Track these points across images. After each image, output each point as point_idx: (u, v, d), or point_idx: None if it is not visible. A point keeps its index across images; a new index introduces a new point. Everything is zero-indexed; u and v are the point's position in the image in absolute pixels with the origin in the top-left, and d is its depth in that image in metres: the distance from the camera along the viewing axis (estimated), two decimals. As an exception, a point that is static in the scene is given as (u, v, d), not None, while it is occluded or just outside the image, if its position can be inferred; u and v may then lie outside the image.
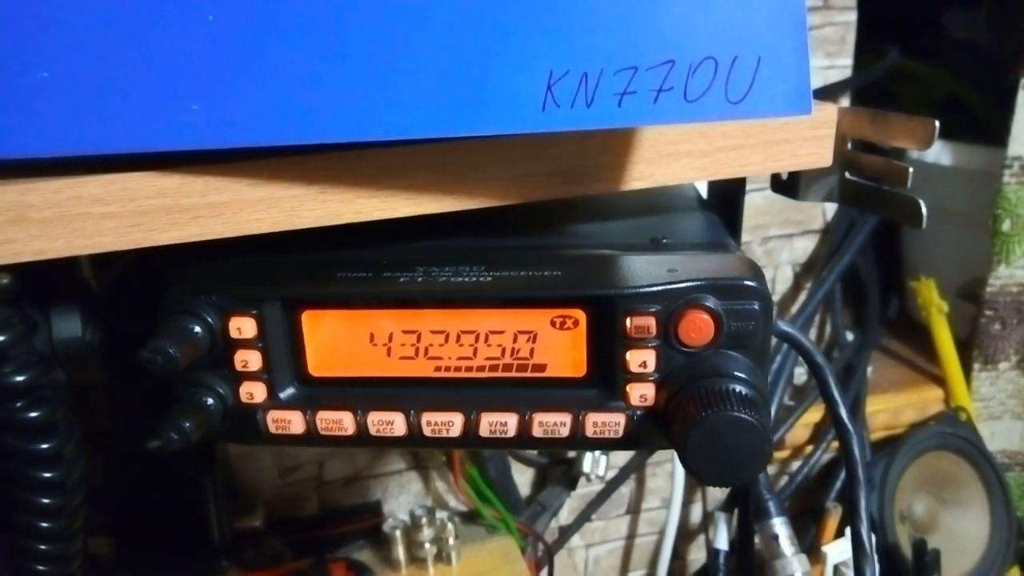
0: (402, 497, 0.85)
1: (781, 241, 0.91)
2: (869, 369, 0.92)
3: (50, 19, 0.28)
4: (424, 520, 0.76)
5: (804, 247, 0.92)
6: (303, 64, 0.28)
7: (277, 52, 0.28)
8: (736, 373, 0.31)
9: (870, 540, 0.35)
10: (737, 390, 0.30)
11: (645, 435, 0.32)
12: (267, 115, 0.29)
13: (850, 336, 0.93)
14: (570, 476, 0.87)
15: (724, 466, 0.29)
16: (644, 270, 0.32)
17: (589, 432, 0.32)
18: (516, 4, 0.28)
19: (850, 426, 0.35)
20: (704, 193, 0.48)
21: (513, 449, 0.82)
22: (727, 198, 0.44)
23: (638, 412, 0.32)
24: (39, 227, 0.31)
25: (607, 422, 0.32)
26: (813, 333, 0.95)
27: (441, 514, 0.78)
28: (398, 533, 0.76)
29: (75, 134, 0.29)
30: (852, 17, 0.85)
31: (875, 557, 0.46)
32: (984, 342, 0.89)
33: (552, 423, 0.32)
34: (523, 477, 0.89)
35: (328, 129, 0.29)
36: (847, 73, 0.87)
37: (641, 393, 0.32)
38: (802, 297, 0.93)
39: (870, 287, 0.95)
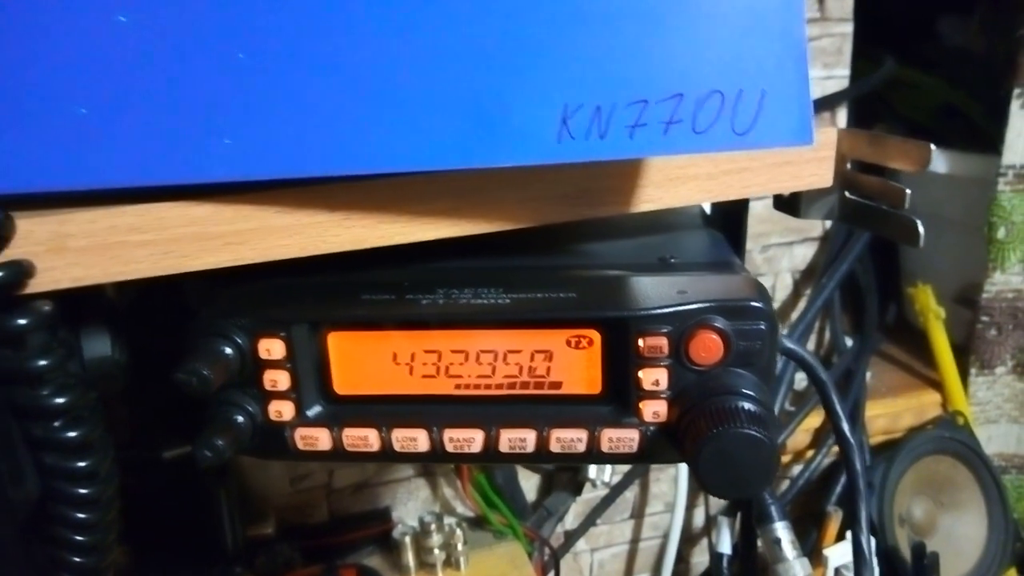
0: (410, 503, 0.87)
1: (781, 249, 0.92)
2: (868, 374, 0.93)
3: (88, 58, 0.29)
4: (433, 526, 0.77)
5: (804, 254, 0.94)
6: (329, 100, 0.30)
7: (304, 89, 0.30)
8: (744, 390, 0.32)
9: (870, 547, 0.37)
10: (746, 407, 0.31)
11: (658, 450, 0.34)
12: (294, 148, 0.30)
13: (849, 342, 0.95)
14: (576, 482, 0.88)
15: (735, 480, 0.31)
16: (655, 291, 0.34)
17: (605, 447, 0.34)
18: (532, 41, 0.29)
19: (851, 438, 0.36)
20: (708, 209, 0.49)
21: (532, 464, 0.84)
22: (731, 216, 0.45)
23: (651, 428, 0.34)
24: (76, 255, 0.32)
25: (622, 438, 0.34)
26: (813, 339, 0.97)
27: (449, 520, 0.80)
28: (407, 539, 0.77)
29: (112, 168, 0.31)
30: (848, 28, 0.87)
31: (875, 562, 0.48)
32: (980, 347, 0.90)
33: (569, 439, 0.34)
34: (529, 483, 0.90)
35: (352, 161, 0.31)
36: (844, 83, 0.89)
37: (654, 410, 0.33)
38: (802, 304, 0.94)
39: (868, 294, 0.96)
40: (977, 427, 0.91)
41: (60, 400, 0.33)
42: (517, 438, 0.34)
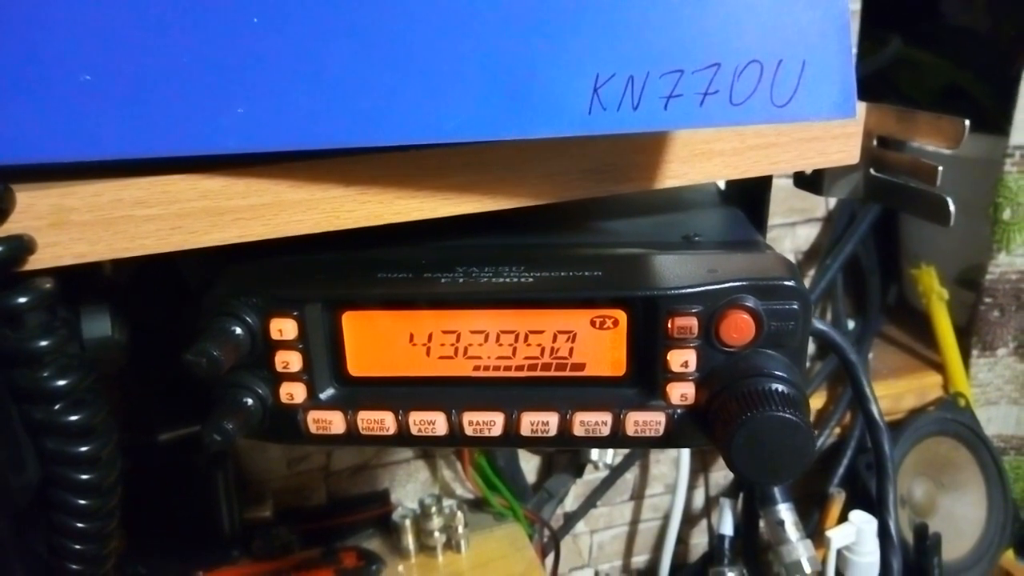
0: (409, 486, 0.86)
1: (784, 229, 0.92)
2: (870, 356, 0.93)
3: (92, 21, 0.28)
4: (433, 509, 0.76)
5: (807, 235, 0.93)
6: (349, 67, 0.28)
7: (322, 55, 0.28)
8: (777, 372, 0.31)
9: (898, 533, 0.36)
10: (779, 389, 0.30)
11: (685, 433, 0.33)
12: (312, 118, 0.29)
13: (851, 323, 0.94)
14: (576, 463, 0.88)
15: (768, 465, 0.29)
16: (684, 270, 0.33)
17: (630, 431, 0.33)
18: (563, 8, 0.28)
19: (881, 423, 0.35)
20: (722, 185, 0.48)
21: (555, 448, 0.82)
22: (751, 193, 0.44)
23: (679, 411, 0.32)
24: (80, 230, 0.30)
25: (648, 421, 0.33)
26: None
27: (449, 502, 0.79)
28: (407, 522, 0.76)
29: (117, 138, 0.29)
30: (856, 6, 0.86)
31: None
32: (983, 329, 0.90)
33: (593, 422, 0.33)
34: (529, 465, 0.89)
35: (372, 133, 0.29)
36: (851, 62, 0.88)
37: (682, 392, 0.32)
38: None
39: (870, 275, 0.96)
40: (978, 408, 0.91)
41: (61, 382, 0.32)
42: (539, 421, 0.33)
